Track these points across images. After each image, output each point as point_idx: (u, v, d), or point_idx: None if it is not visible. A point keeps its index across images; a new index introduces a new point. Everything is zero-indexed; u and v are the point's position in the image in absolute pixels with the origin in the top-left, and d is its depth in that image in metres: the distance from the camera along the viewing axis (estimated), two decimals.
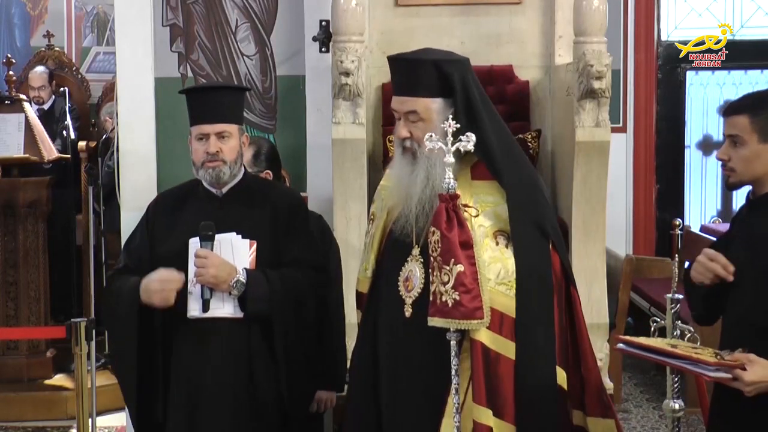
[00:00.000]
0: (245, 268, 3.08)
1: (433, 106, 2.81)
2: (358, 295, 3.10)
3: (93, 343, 3.98)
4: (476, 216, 2.79)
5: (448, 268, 2.65)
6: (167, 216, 3.23)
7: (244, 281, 3.05)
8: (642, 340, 2.75)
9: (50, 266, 5.82)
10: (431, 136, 2.71)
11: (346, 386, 3.62)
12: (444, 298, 2.65)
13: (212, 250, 3.06)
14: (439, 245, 2.66)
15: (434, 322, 2.67)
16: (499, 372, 2.74)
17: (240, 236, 3.11)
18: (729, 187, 2.83)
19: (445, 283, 2.65)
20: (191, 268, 3.08)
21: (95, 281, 5.89)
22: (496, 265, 2.77)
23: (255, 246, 3.13)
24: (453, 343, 2.69)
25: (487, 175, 2.85)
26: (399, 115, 2.85)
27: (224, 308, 3.08)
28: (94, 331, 3.93)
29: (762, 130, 2.69)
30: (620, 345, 2.77)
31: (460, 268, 2.64)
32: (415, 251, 2.82)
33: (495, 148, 2.82)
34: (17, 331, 5.59)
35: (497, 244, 2.80)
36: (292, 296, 3.11)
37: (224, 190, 3.21)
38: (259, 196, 3.24)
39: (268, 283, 3.07)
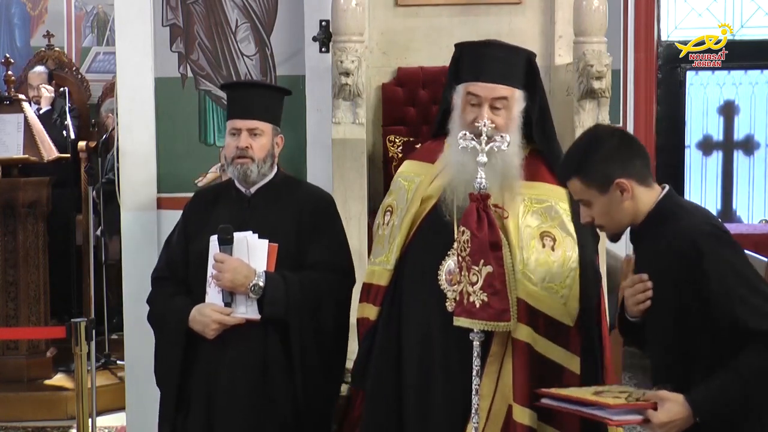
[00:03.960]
0: (264, 271, 3.08)
1: (519, 97, 2.84)
2: (372, 288, 3.02)
3: (93, 343, 3.98)
4: (506, 217, 2.78)
5: (477, 268, 2.64)
6: (201, 214, 3.27)
7: (262, 284, 3.06)
8: (565, 391, 2.56)
9: (50, 266, 5.82)
10: (465, 134, 2.72)
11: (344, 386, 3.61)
12: (472, 299, 2.64)
13: (231, 253, 3.07)
14: (469, 245, 2.65)
15: (460, 322, 2.67)
16: (543, 373, 2.74)
17: (257, 235, 3.12)
18: (611, 239, 2.70)
19: (473, 284, 2.64)
20: (210, 267, 3.10)
21: (95, 281, 5.89)
22: (542, 268, 2.77)
23: (277, 248, 3.12)
24: (476, 343, 2.68)
25: (533, 176, 2.86)
26: (481, 100, 2.82)
27: (241, 310, 3.09)
28: (94, 331, 3.93)
29: (597, 183, 2.53)
30: (544, 400, 2.57)
31: (489, 269, 2.64)
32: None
33: (556, 147, 2.92)
34: (17, 331, 5.59)
35: (543, 246, 2.80)
36: (310, 300, 3.10)
37: (253, 189, 3.22)
38: (287, 197, 3.24)
39: (286, 286, 3.07)
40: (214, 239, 3.11)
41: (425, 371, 2.83)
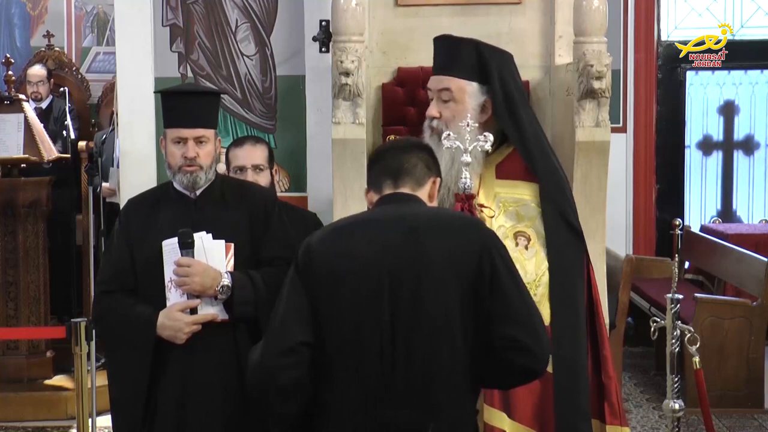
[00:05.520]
0: (229, 272, 3.07)
1: (468, 88, 2.80)
2: None
3: (93, 343, 3.98)
4: (493, 216, 2.77)
5: None
6: (141, 220, 3.18)
7: (229, 285, 3.03)
8: None
9: (50, 266, 5.82)
10: (449, 135, 2.71)
11: None
12: None
13: (193, 257, 3.04)
14: None
15: None
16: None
17: (211, 236, 3.10)
18: None
19: None
20: (167, 271, 3.06)
21: (95, 281, 5.89)
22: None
23: (232, 248, 3.11)
24: None
25: (513, 175, 2.84)
26: (432, 94, 2.83)
27: (210, 311, 3.05)
28: (94, 331, 3.92)
29: None
30: None
31: None
32: None
33: (531, 140, 2.82)
34: (17, 331, 5.59)
35: (517, 245, 2.78)
36: (275, 295, 3.09)
37: (198, 192, 3.19)
38: (233, 197, 3.21)
39: (253, 284, 3.06)
40: (168, 244, 3.06)
41: None
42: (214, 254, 3.07)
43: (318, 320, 2.33)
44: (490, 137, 2.71)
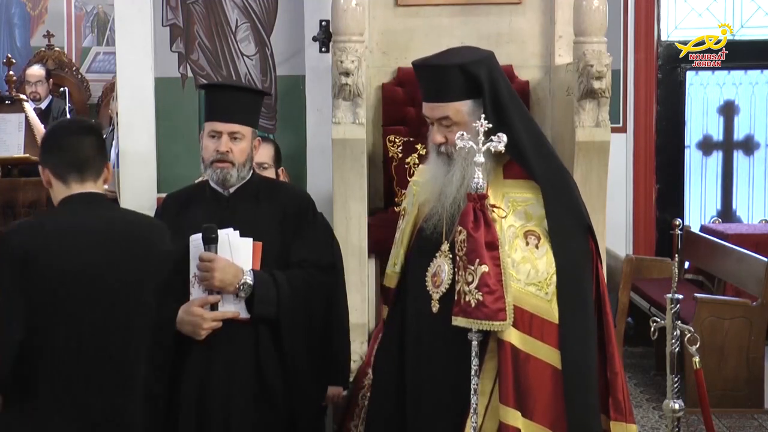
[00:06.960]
0: (252, 270, 3.06)
1: (464, 108, 2.80)
2: (385, 290, 3.07)
3: None
4: (505, 216, 2.77)
5: (472, 268, 2.64)
6: (175, 217, 3.19)
7: (251, 283, 3.02)
8: None
9: None
10: (462, 135, 2.71)
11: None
12: (467, 298, 2.64)
13: (216, 252, 3.03)
14: (465, 245, 2.66)
15: (458, 321, 2.67)
16: (530, 373, 2.72)
17: (238, 233, 3.09)
18: None
19: (469, 283, 2.64)
20: (192, 267, 3.06)
21: None
22: (526, 266, 2.75)
23: (261, 246, 3.10)
24: (474, 343, 2.68)
25: (519, 174, 2.84)
26: (432, 120, 2.84)
27: (231, 309, 3.05)
28: None
29: None
30: None
31: (484, 268, 2.64)
32: (445, 247, 2.79)
33: (525, 143, 2.81)
34: None
35: (527, 244, 2.78)
36: (299, 298, 3.08)
37: (231, 190, 3.19)
38: (267, 197, 3.21)
39: (276, 284, 3.04)
40: (195, 239, 3.05)
41: (419, 371, 2.84)
42: (240, 251, 3.06)
43: (36, 320, 2.54)
44: (504, 137, 2.70)
